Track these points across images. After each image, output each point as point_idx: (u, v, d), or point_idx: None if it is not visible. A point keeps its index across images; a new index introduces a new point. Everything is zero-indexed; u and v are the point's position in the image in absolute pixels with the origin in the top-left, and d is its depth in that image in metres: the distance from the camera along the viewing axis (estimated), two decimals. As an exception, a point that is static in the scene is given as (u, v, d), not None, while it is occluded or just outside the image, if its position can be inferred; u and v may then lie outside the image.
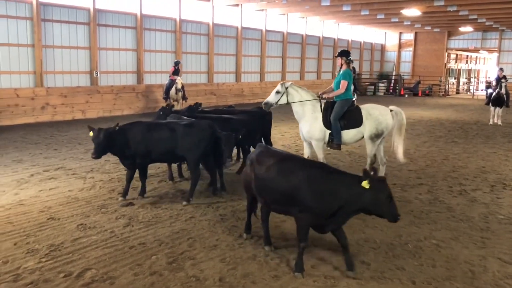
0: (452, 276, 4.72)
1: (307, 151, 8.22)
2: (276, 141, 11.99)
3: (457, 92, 37.29)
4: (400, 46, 37.02)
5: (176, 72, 16.96)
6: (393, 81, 34.40)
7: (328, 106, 7.93)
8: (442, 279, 4.65)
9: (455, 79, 38.16)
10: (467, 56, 40.17)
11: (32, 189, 7.46)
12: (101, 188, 7.61)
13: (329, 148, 8.18)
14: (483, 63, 44.21)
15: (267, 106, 7.98)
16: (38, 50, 15.03)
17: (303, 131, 8.07)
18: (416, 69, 35.75)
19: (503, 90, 16.68)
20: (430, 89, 33.28)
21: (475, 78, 41.12)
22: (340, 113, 7.83)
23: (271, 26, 25.46)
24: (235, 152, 9.62)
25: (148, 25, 18.74)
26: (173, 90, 16.71)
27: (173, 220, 6.15)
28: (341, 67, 8.12)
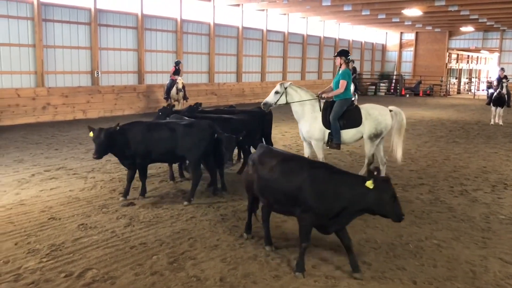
0: (453, 276, 4.72)
1: (307, 151, 8.22)
2: (277, 141, 11.99)
3: (458, 92, 37.27)
4: (401, 46, 37.00)
5: (177, 72, 16.97)
6: (394, 81, 34.40)
7: (328, 106, 7.93)
8: (443, 279, 4.65)
9: (456, 79, 38.14)
10: (468, 56, 40.16)
11: (33, 189, 7.46)
12: (102, 188, 7.62)
13: (329, 148, 8.18)
14: (484, 63, 44.20)
15: (266, 107, 7.97)
16: (39, 50, 15.04)
17: (303, 131, 8.07)
18: (417, 69, 35.73)
19: (504, 90, 16.67)
20: (431, 89, 33.25)
21: (476, 78, 41.09)
22: (340, 113, 7.82)
23: (272, 26, 25.45)
24: (236, 152, 9.62)
25: (149, 25, 18.75)
26: (174, 90, 16.74)
27: (174, 220, 6.15)
28: (340, 67, 8.12)
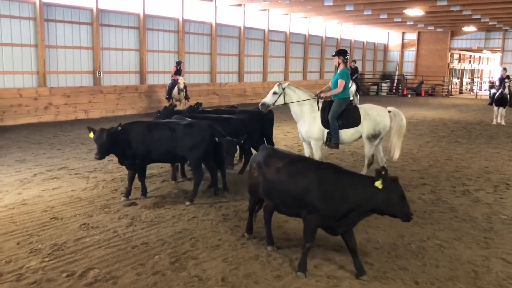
0: (455, 277, 4.71)
1: (308, 151, 8.21)
2: (279, 141, 11.99)
3: (460, 92, 37.19)
4: (403, 46, 36.97)
5: (178, 72, 16.99)
6: (396, 81, 34.37)
7: (326, 106, 7.94)
8: (445, 279, 4.64)
9: (458, 79, 38.06)
10: (470, 56, 40.05)
11: (35, 189, 7.47)
12: (104, 188, 7.63)
13: (327, 147, 8.17)
14: (487, 63, 44.07)
15: (264, 107, 7.93)
16: (41, 50, 15.07)
17: (302, 131, 8.06)
18: (419, 69, 35.69)
19: (507, 90, 16.63)
20: (433, 89, 33.19)
21: (478, 78, 41.00)
22: (338, 112, 7.82)
23: (274, 26, 25.45)
24: (237, 153, 9.60)
25: (151, 25, 18.77)
26: (176, 90, 16.75)
27: (176, 220, 6.16)
28: (339, 66, 8.12)
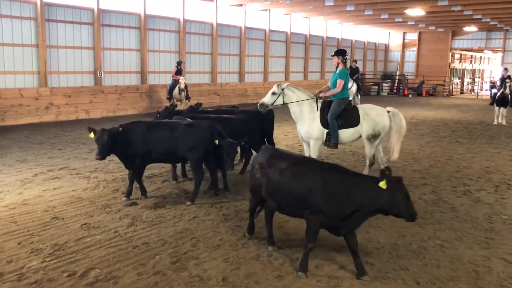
0: (456, 277, 4.71)
1: (308, 152, 8.20)
2: (280, 141, 11.99)
3: (461, 92, 37.16)
4: (404, 46, 36.95)
5: (179, 72, 17.00)
6: (397, 81, 34.33)
7: (325, 106, 7.94)
8: (446, 280, 4.64)
9: (459, 79, 38.03)
10: (471, 56, 40.03)
11: (36, 189, 7.48)
12: (105, 188, 7.63)
13: (327, 147, 8.16)
14: (488, 63, 44.05)
15: (263, 107, 7.90)
16: (42, 50, 15.08)
17: (301, 132, 8.05)
18: (420, 69, 35.66)
19: (508, 90, 16.60)
20: (434, 89, 33.17)
21: (480, 78, 40.97)
22: (337, 112, 7.82)
23: (275, 26, 25.44)
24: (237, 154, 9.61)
25: (152, 25, 18.77)
26: (176, 90, 16.77)
27: (177, 220, 6.16)
28: (338, 66, 8.12)
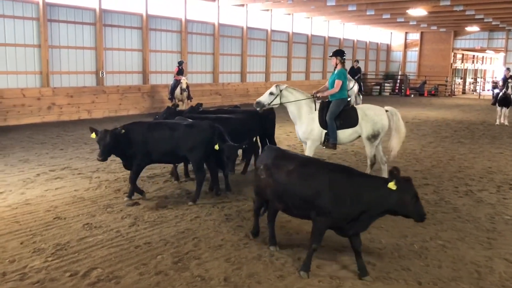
0: (458, 277, 4.70)
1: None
2: (281, 141, 11.98)
3: (463, 92, 37.10)
4: (406, 46, 36.88)
5: (181, 72, 17.01)
6: (399, 81, 34.26)
7: (324, 106, 7.93)
8: (448, 280, 4.63)
9: (461, 79, 37.97)
10: (474, 56, 39.97)
11: (38, 189, 7.49)
12: (107, 188, 7.64)
13: (325, 148, 8.15)
14: (490, 63, 43.97)
15: (259, 106, 7.84)
16: (45, 50, 15.10)
17: (299, 132, 8.02)
18: (422, 69, 35.59)
19: (510, 90, 16.55)
20: (436, 89, 33.13)
21: (482, 78, 40.89)
22: (336, 112, 7.82)
23: (277, 26, 25.44)
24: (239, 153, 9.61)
25: (154, 25, 18.79)
26: (178, 90, 16.78)
27: (179, 220, 6.16)
28: (336, 67, 8.11)
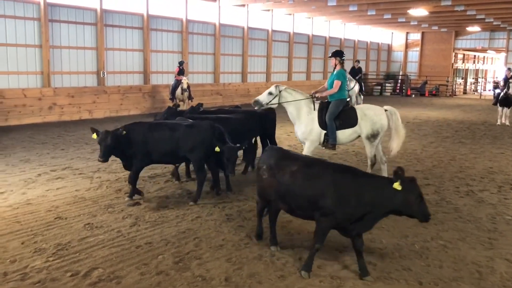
0: (459, 277, 4.70)
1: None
2: (282, 141, 11.98)
3: (464, 92, 37.09)
4: (407, 46, 36.85)
5: (181, 72, 17.01)
6: (400, 81, 34.27)
7: (323, 107, 7.93)
8: (449, 280, 4.63)
9: (462, 79, 37.95)
10: (475, 56, 39.95)
11: (40, 189, 7.50)
12: (108, 188, 7.65)
13: (324, 148, 8.14)
14: (491, 63, 43.96)
15: (257, 105, 7.83)
16: (46, 51, 15.12)
17: (298, 132, 8.02)
18: (423, 69, 35.56)
19: (511, 90, 16.57)
20: (437, 89, 33.11)
21: (483, 78, 40.87)
22: (335, 113, 7.82)
23: (277, 26, 25.43)
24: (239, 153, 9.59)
25: (155, 26, 18.80)
26: (179, 90, 16.79)
27: (180, 220, 6.17)
28: (335, 67, 8.12)
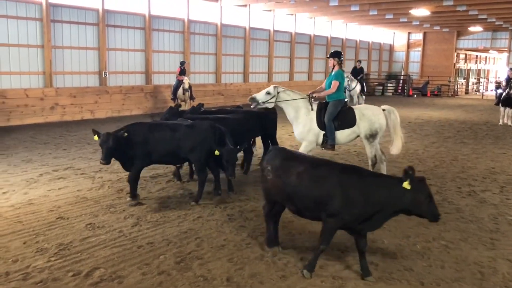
0: (461, 278, 4.69)
1: (310, 153, 8.20)
2: (284, 141, 11.98)
3: (466, 93, 37.02)
4: (409, 46, 36.81)
5: (183, 72, 17.02)
6: (402, 81, 34.24)
7: (322, 107, 7.93)
8: (451, 281, 4.62)
9: (464, 79, 37.89)
10: (477, 56, 39.86)
11: (41, 189, 7.51)
12: (110, 188, 7.65)
13: (324, 149, 8.14)
14: (493, 63, 43.86)
15: (254, 101, 7.80)
16: (48, 51, 15.14)
17: (296, 132, 8.02)
18: (425, 69, 35.52)
19: (513, 91, 16.55)
20: (439, 90, 33.05)
21: (485, 78, 40.79)
22: (334, 113, 7.81)
23: (279, 27, 25.43)
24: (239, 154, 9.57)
25: (157, 26, 18.81)
26: (181, 91, 16.81)
27: (181, 220, 6.17)
28: (334, 68, 8.10)
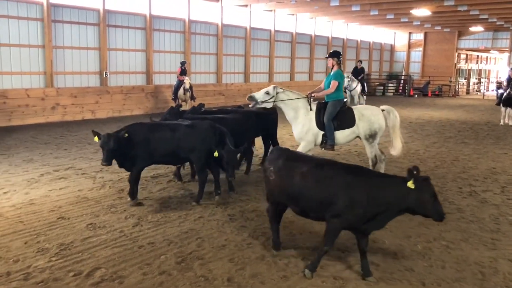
0: (462, 278, 4.69)
1: (310, 152, 8.20)
2: (285, 142, 11.98)
3: (467, 93, 36.99)
4: (410, 46, 36.79)
5: (184, 72, 17.02)
6: (403, 82, 34.23)
7: (321, 107, 7.93)
8: (452, 281, 4.62)
9: (465, 79, 37.86)
10: (478, 56, 39.83)
11: (43, 189, 7.52)
12: (111, 188, 7.66)
13: (323, 149, 8.14)
14: (494, 63, 43.82)
15: (252, 100, 7.79)
16: (49, 51, 15.15)
17: (295, 132, 8.01)
18: (426, 69, 35.49)
19: (514, 91, 16.52)
20: (440, 90, 33.03)
21: (486, 78, 40.76)
22: (333, 114, 7.82)
23: (280, 27, 25.42)
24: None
25: (157, 26, 18.82)
26: (181, 91, 16.80)
27: (182, 220, 6.17)
28: (333, 68, 8.11)
